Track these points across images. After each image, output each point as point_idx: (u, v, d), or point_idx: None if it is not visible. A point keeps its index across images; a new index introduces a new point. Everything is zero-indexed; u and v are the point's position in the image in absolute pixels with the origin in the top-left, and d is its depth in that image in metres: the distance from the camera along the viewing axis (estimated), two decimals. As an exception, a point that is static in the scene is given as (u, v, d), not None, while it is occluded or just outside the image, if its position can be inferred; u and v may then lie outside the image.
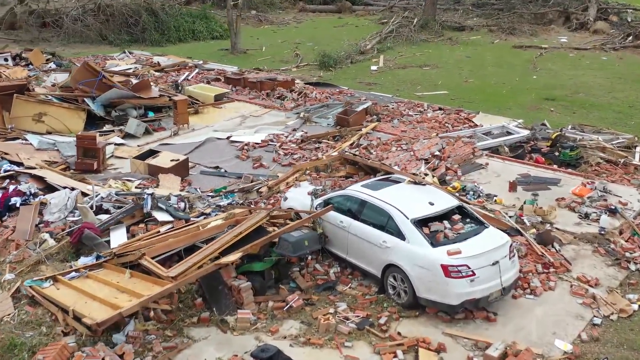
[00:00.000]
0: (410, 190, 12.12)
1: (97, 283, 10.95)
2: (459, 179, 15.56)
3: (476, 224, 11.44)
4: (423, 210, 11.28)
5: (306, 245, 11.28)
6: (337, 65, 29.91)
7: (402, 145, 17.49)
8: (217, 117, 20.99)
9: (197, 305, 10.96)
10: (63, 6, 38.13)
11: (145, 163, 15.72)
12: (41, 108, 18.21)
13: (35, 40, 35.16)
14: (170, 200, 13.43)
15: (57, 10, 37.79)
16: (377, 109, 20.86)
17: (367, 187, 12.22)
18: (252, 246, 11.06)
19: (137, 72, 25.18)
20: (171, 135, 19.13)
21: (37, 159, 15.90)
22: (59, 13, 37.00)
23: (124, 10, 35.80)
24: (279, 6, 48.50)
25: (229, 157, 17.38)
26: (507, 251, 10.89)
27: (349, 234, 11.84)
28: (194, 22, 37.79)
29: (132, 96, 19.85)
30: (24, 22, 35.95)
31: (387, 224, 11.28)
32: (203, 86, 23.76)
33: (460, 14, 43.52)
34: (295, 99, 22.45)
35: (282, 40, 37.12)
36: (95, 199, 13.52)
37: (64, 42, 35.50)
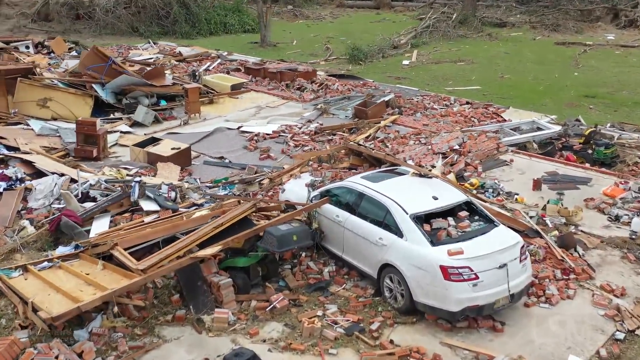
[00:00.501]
0: (414, 183, 10.98)
1: (67, 274, 10.13)
2: (479, 175, 14.35)
3: (485, 222, 10.24)
4: (425, 205, 10.14)
5: (294, 241, 10.23)
6: (367, 59, 28.86)
7: (420, 139, 16.31)
8: (232, 107, 20.13)
9: (173, 302, 10.05)
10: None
11: (144, 151, 14.93)
12: (46, 93, 17.58)
13: (67, 32, 35.02)
14: (161, 189, 12.56)
15: (91, 2, 37.65)
16: (400, 102, 19.72)
17: (367, 179, 11.13)
18: (234, 239, 10.08)
19: (157, 61, 24.51)
20: (181, 124, 18.34)
21: (35, 144, 15.25)
22: (93, 5, 36.81)
23: (156, 2, 35.32)
24: (316, 2, 47.67)
25: (237, 148, 16.48)
26: (517, 253, 9.66)
27: (345, 229, 10.77)
28: (226, 15, 37.19)
29: (144, 84, 19.11)
30: (56, 13, 35.75)
31: (385, 219, 10.18)
32: (221, 76, 22.96)
33: (503, 10, 41.94)
34: (315, 91, 21.45)
35: (314, 35, 36.22)
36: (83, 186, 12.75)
37: (95, 33, 35.26)
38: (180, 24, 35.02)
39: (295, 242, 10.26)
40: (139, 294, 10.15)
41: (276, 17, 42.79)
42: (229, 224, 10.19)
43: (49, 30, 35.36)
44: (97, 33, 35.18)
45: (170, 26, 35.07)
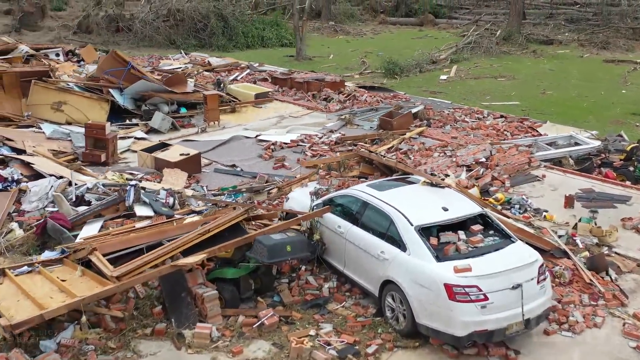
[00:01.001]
0: (423, 192, 9.97)
1: (44, 280, 9.41)
2: (506, 190, 13.21)
3: (500, 238, 9.16)
4: (432, 217, 9.13)
5: (288, 252, 9.31)
6: (404, 73, 27.92)
7: (446, 151, 15.26)
8: (254, 116, 19.42)
9: (154, 314, 9.24)
10: (138, 11, 38.07)
11: (152, 156, 14.27)
12: (61, 96, 17.15)
13: (105, 43, 35.02)
14: (159, 194, 11.83)
15: (131, 15, 37.78)
16: (430, 114, 18.72)
17: (372, 187, 10.17)
18: (221, 247, 9.22)
19: (186, 70, 24.05)
20: (198, 132, 17.69)
21: (43, 147, 14.75)
22: (133, 18, 36.91)
23: (194, 15, 35.14)
24: (359, 18, 47.05)
25: (251, 156, 15.73)
26: (534, 273, 8.56)
27: (347, 241, 9.82)
28: (264, 28, 36.77)
29: (164, 90, 18.55)
30: (95, 24, 35.92)
31: (388, 231, 9.21)
32: (246, 85, 22.33)
33: (551, 28, 40.52)
34: (342, 102, 20.59)
35: (352, 50, 35.45)
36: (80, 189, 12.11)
37: (133, 45, 35.22)
38: (217, 37, 34.72)
39: (289, 253, 9.35)
40: (119, 303, 9.39)
41: (316, 32, 42.31)
42: (216, 230, 9.34)
43: (88, 42, 35.44)
44: (135, 45, 35.13)
45: (207, 39, 34.80)
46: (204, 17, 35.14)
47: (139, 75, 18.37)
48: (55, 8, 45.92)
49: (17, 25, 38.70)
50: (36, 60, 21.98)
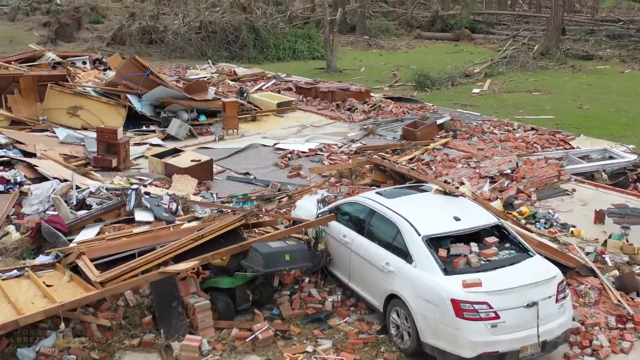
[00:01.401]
0: (435, 201, 9.25)
1: (31, 285, 8.94)
2: (532, 204, 12.38)
3: (517, 251, 8.39)
4: (442, 227, 8.41)
5: (286, 261, 8.68)
6: (435, 86, 27.17)
7: (470, 162, 14.50)
8: (275, 125, 18.92)
9: (144, 324, 8.67)
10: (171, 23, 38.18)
11: (162, 162, 13.81)
12: (77, 101, 16.87)
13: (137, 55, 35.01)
14: (162, 200, 11.33)
15: (165, 27, 37.86)
16: (456, 125, 17.96)
17: (381, 195, 9.49)
18: (215, 255, 8.63)
19: (210, 79, 23.72)
20: (215, 139, 17.23)
21: (55, 151, 14.43)
22: (166, 30, 36.97)
23: (226, 27, 35.03)
24: (393, 33, 46.52)
25: (267, 165, 15.19)
26: (553, 290, 7.77)
27: (352, 252, 9.15)
28: (296, 41, 36.47)
29: (183, 97, 18.17)
30: (128, 35, 36.07)
31: (394, 241, 8.52)
32: (269, 94, 21.88)
33: (592, 44, 39.39)
34: (367, 112, 19.95)
35: (385, 63, 34.87)
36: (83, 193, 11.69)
37: (165, 56, 35.23)
38: (248, 49, 34.52)
39: (288, 262, 8.71)
40: (108, 312, 8.86)
41: (350, 46, 41.94)
42: (210, 236, 8.75)
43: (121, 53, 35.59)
44: (166, 56, 35.14)
45: (238, 51, 34.61)
46: (236, 29, 34.98)
47: (157, 81, 18.02)
48: (93, 21, 46.51)
49: (52, 36, 39.16)
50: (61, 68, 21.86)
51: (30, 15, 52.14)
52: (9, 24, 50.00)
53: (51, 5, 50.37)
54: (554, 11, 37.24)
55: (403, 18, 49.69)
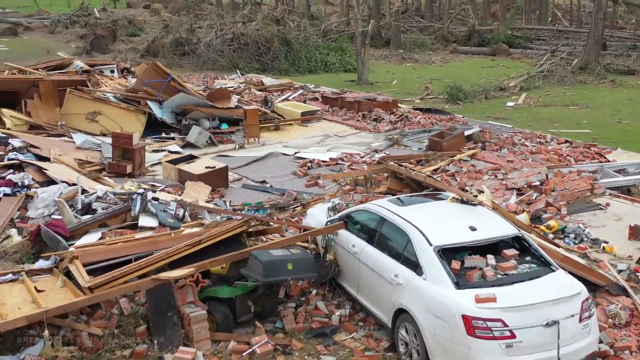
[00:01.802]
0: (451, 209, 8.60)
1: (22, 290, 8.55)
2: (562, 218, 11.62)
3: (538, 265, 7.70)
4: (457, 237, 7.78)
5: (289, 270, 8.12)
6: (467, 99, 26.43)
7: (498, 174, 13.78)
8: (298, 134, 18.44)
9: (137, 334, 8.17)
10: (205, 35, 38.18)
11: (176, 168, 13.42)
12: (96, 107, 16.62)
13: (169, 65, 34.97)
14: (169, 205, 10.89)
15: (198, 39, 37.86)
16: (486, 137, 17.25)
17: (393, 202, 8.90)
18: (213, 262, 8.12)
19: (237, 89, 23.40)
20: (235, 147, 16.81)
21: (70, 156, 14.15)
22: (200, 42, 36.96)
23: (258, 39, 34.83)
24: (429, 47, 45.82)
25: (285, 173, 14.70)
26: (576, 308, 7.06)
27: (360, 262, 8.56)
28: (328, 53, 36.05)
29: (205, 104, 17.82)
30: (161, 47, 36.15)
31: (404, 251, 7.90)
32: (294, 103, 21.43)
33: (634, 59, 38.15)
34: (393, 122, 19.35)
35: (418, 77, 34.20)
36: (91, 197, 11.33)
37: (197, 67, 35.17)
38: (279, 61, 34.21)
39: (290, 272, 8.14)
40: (102, 320, 8.40)
41: (383, 60, 41.40)
42: (208, 242, 8.24)
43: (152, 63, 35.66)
44: (198, 67, 35.08)
45: (270, 62, 34.31)
46: (268, 40, 34.76)
47: (179, 88, 17.71)
48: (130, 34, 46.91)
49: (88, 47, 39.49)
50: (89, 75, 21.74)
51: (69, 28, 52.95)
52: (48, 37, 50.82)
53: (89, 19, 51.03)
54: (593, 24, 36.15)
55: (439, 33, 49.01)
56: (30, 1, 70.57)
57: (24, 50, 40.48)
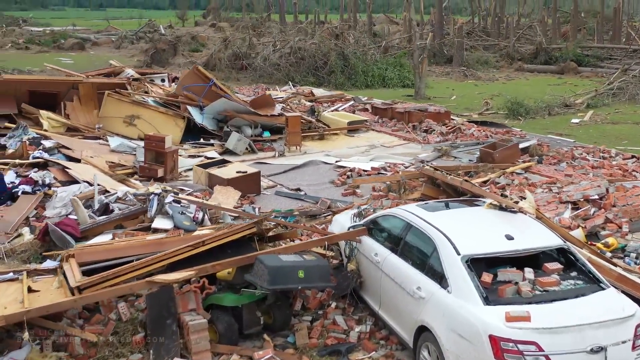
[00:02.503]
0: (486, 216, 7.58)
1: (17, 290, 7.96)
2: (623, 236, 10.37)
3: (586, 282, 6.60)
4: (489, 246, 6.77)
5: (299, 278, 7.25)
6: (529, 115, 25.07)
7: (553, 187, 12.60)
8: (342, 144, 17.60)
9: (134, 343, 7.45)
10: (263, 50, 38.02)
11: (206, 172, 12.78)
12: (134, 110, 16.21)
13: (226, 79, 34.97)
14: (189, 208, 10.21)
15: (257, 54, 37.71)
16: (544, 150, 16.03)
17: (423, 207, 7.94)
18: (216, 266, 7.33)
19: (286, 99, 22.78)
20: (275, 155, 16.10)
21: (102, 159, 13.71)
22: (258, 57, 36.79)
23: (315, 53, 34.37)
24: (493, 65, 44.44)
25: (323, 182, 13.90)
26: (628, 333, 5.95)
27: (382, 273, 7.62)
28: (386, 68, 35.23)
29: (247, 111, 17.21)
30: (218, 60, 36.12)
31: (429, 261, 6.93)
32: (342, 113, 20.65)
33: None
34: (444, 134, 18.30)
35: (479, 93, 32.97)
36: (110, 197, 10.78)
37: (253, 81, 34.94)
38: (336, 75, 33.58)
39: (301, 280, 7.27)
40: (99, 325, 7.73)
41: (445, 76, 40.30)
42: (212, 244, 7.47)
43: (209, 77, 35.62)
44: (254, 81, 34.84)
45: (326, 77, 33.75)
46: (324, 54, 34.24)
47: (220, 93, 17.16)
48: (192, 49, 47.37)
49: (148, 60, 39.87)
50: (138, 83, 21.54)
51: (134, 44, 53.98)
52: (114, 51, 51.89)
53: (154, 35, 51.87)
54: (670, 41, 34.19)
55: (504, 51, 47.54)
56: (104, 20, 72.91)
57: (88, 63, 41.19)
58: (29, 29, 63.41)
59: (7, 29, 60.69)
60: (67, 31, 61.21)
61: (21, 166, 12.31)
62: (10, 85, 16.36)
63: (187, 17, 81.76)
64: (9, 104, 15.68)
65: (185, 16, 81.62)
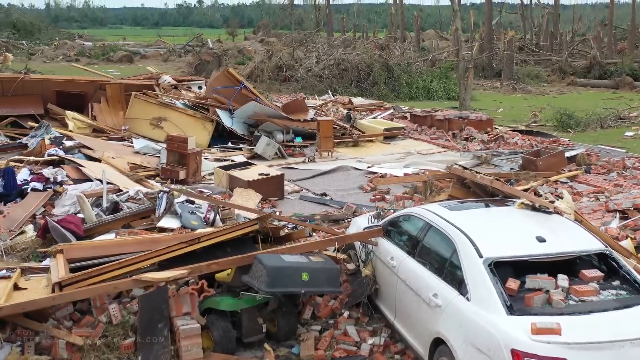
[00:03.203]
0: (516, 216, 6.70)
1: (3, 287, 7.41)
2: (677, 249, 9.27)
3: (630, 292, 5.66)
4: (517, 248, 5.90)
5: (303, 281, 6.48)
6: (579, 127, 23.80)
7: (600, 197, 11.56)
8: (377, 150, 16.80)
9: (122, 348, 6.79)
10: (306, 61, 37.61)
11: (227, 174, 12.16)
12: (161, 112, 15.72)
13: (267, 89, 34.61)
14: (201, 207, 9.58)
15: (300, 65, 37.31)
16: (592, 159, 14.94)
17: (445, 206, 7.09)
18: (211, 265, 6.63)
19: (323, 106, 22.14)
20: (305, 161, 15.40)
21: (123, 160, 13.24)
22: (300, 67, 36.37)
23: (359, 64, 33.74)
24: (544, 79, 43.00)
25: (351, 187, 13.12)
26: (679, 353, 4.97)
27: (398, 279, 6.80)
28: (431, 81, 34.30)
29: (278, 115, 16.58)
30: (260, 71, 35.84)
31: (448, 264, 6.09)
32: (378, 120, 19.85)
33: None
34: (486, 142, 17.31)
35: (527, 106, 31.73)
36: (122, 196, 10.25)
37: (295, 92, 34.48)
38: (379, 87, 32.83)
39: (305, 284, 6.50)
40: (88, 328, 7.10)
41: (492, 90, 39.13)
42: (208, 242, 6.77)
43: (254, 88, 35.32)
44: (297, 92, 34.37)
45: (369, 88, 33.04)
46: (368, 65, 33.57)
47: (251, 97, 16.58)
48: (239, 62, 47.31)
49: (192, 72, 39.82)
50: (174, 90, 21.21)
51: (182, 57, 54.31)
52: (161, 64, 52.23)
53: (202, 48, 52.06)
54: None
55: (556, 65, 46.03)
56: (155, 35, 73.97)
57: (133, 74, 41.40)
58: (81, 43, 64.52)
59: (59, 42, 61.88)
60: (118, 45, 62.11)
61: (36, 164, 11.91)
62: (36, 85, 16.13)
63: (237, 34, 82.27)
64: (35, 104, 15.42)
65: (235, 32, 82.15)
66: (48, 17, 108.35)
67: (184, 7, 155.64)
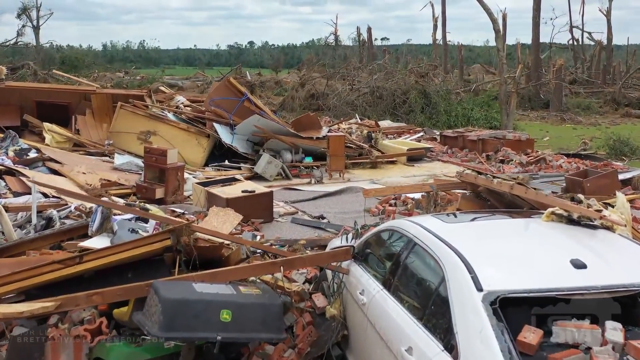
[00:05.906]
0: (542, 231, 4.48)
1: None
2: None
3: None
4: (539, 278, 3.68)
5: (220, 322, 4.36)
6: (635, 155, 21.26)
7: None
8: (396, 173, 14.62)
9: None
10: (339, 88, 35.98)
11: (205, 190, 10.18)
12: (151, 125, 13.87)
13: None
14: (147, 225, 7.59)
15: (333, 93, 35.65)
16: (651, 182, 12.55)
17: (439, 217, 4.93)
18: (91, 296, 4.58)
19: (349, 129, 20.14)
20: (311, 182, 13.34)
21: (95, 176, 11.41)
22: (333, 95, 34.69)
23: (394, 91, 31.79)
24: (596, 111, 40.30)
25: (357, 210, 10.97)
26: None
27: (368, 321, 4.63)
28: (472, 109, 32.07)
29: (285, 132, 14.59)
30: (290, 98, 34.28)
31: (432, 302, 3.90)
32: (402, 141, 17.73)
33: None
34: (525, 164, 14.97)
35: (576, 135, 29.22)
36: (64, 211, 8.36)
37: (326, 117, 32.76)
38: (415, 114, 30.72)
39: (224, 326, 4.38)
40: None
41: (540, 121, 36.70)
42: (93, 262, 4.73)
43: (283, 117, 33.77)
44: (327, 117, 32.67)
45: (404, 116, 30.96)
46: (404, 92, 31.56)
47: (254, 110, 14.63)
48: (276, 93, 46.03)
49: (219, 100, 38.57)
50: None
51: (219, 89, 53.36)
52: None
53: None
54: None
55: (609, 97, 43.27)
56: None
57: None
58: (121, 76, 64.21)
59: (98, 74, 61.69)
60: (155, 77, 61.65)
61: (-23, 175, 10.18)
62: (14, 94, 14.52)
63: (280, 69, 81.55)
64: (12, 115, 13.81)
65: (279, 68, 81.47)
66: (104, 57, 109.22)
67: (235, 48, 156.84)
